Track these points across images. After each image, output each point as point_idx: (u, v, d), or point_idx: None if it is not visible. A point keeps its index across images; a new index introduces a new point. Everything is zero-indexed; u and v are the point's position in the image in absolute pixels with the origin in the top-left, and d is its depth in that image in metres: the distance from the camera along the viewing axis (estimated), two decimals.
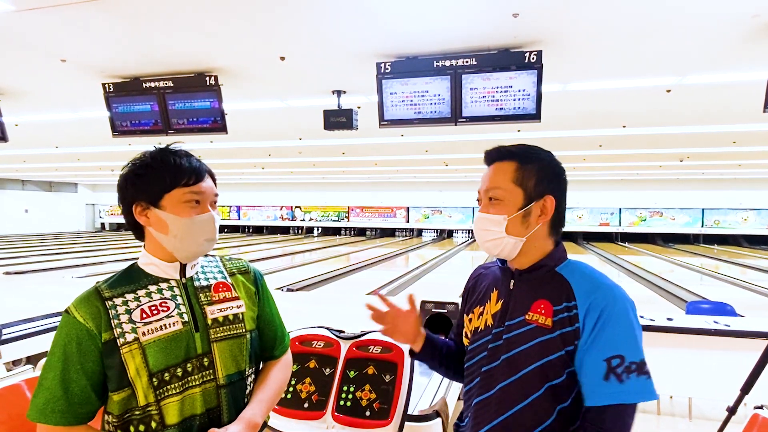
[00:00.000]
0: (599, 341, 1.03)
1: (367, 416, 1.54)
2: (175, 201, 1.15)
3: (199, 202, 1.18)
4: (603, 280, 1.11)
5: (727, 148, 9.59)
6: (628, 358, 1.02)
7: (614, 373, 1.01)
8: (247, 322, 1.22)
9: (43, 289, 8.66)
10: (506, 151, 1.19)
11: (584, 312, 1.06)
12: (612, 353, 1.02)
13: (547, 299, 1.11)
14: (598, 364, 1.02)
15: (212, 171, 1.26)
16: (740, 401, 2.22)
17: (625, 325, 1.05)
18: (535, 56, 3.75)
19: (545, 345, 1.07)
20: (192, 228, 1.15)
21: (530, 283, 1.16)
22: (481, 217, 1.17)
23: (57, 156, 12.31)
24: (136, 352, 1.08)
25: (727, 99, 5.59)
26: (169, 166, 1.16)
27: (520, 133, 7.60)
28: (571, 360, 1.07)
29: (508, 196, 1.15)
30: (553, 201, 1.16)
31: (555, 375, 1.07)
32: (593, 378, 1.03)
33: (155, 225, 1.16)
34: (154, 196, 1.15)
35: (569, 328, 1.06)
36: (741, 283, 10.04)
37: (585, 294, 1.08)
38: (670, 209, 19.65)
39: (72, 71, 4.67)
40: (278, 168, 15.30)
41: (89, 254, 14.39)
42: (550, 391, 1.07)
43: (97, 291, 1.14)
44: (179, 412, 1.10)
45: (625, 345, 1.03)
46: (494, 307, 1.19)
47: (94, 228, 26.58)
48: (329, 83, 5.05)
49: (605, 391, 1.01)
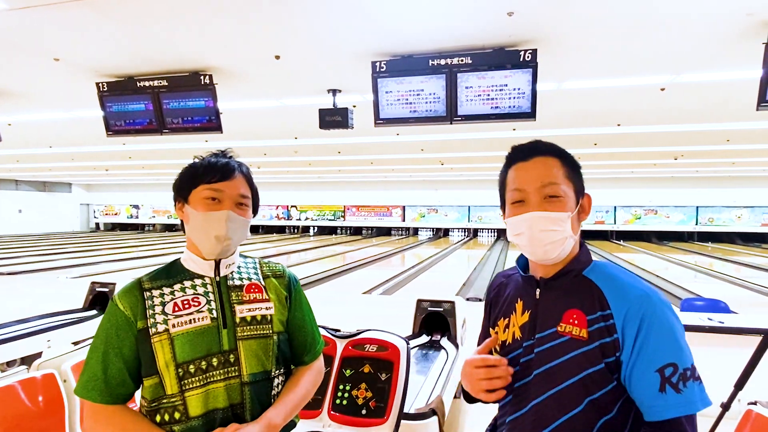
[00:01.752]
0: (646, 352, 0.97)
1: (363, 415, 1.54)
2: (197, 197, 1.22)
3: (219, 200, 1.21)
4: (636, 284, 1.04)
5: (721, 146, 9.65)
6: (681, 365, 0.96)
7: (670, 383, 0.95)
8: (276, 324, 1.26)
9: (37, 290, 8.62)
10: (545, 145, 1.12)
11: (622, 321, 0.99)
12: (663, 362, 0.96)
13: (579, 309, 1.04)
14: (650, 376, 0.96)
15: (251, 175, 1.31)
16: (734, 397, 2.23)
17: (669, 330, 0.98)
18: (530, 55, 3.76)
19: (583, 358, 1.00)
20: (202, 223, 1.20)
21: (558, 291, 1.09)
22: (541, 216, 1.05)
23: (51, 156, 12.24)
24: (165, 342, 1.15)
25: (721, 97, 5.62)
26: (202, 165, 1.24)
27: (515, 131, 7.62)
28: (612, 372, 1.00)
29: (567, 191, 1.08)
30: (590, 199, 1.13)
31: (596, 388, 1.00)
32: (648, 391, 0.96)
33: (185, 219, 1.24)
34: (186, 193, 1.23)
35: (608, 339, 1.00)
36: (735, 280, 10.11)
37: (619, 301, 1.01)
38: (664, 207, 19.75)
39: (65, 70, 4.64)
40: (274, 167, 15.27)
41: (84, 254, 14.32)
42: (591, 405, 1.00)
43: (139, 283, 1.22)
44: (203, 404, 1.15)
45: (674, 351, 0.97)
46: (521, 319, 1.12)
47: (89, 228, 26.44)
48: (324, 82, 5.04)
49: (664, 404, 0.95)
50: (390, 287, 9.00)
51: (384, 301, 7.80)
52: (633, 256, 14.58)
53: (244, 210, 1.26)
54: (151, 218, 25.65)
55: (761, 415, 1.78)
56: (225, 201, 1.22)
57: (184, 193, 1.24)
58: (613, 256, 14.48)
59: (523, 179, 1.09)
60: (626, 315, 0.99)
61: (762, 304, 7.38)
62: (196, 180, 1.22)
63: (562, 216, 1.05)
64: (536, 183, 1.07)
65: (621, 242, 19.55)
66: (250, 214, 1.29)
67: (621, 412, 1.01)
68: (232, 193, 1.23)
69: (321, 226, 23.56)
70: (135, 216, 25.87)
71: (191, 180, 1.23)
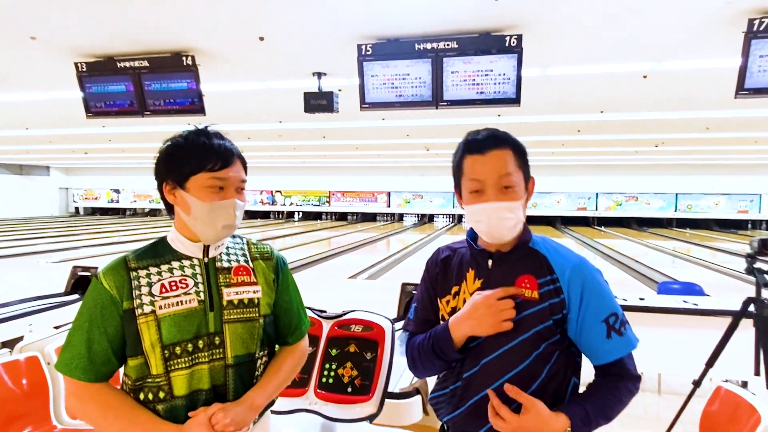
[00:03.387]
0: (591, 307, 1.15)
1: (348, 392, 1.57)
2: (199, 185, 1.18)
3: (223, 188, 1.19)
4: (572, 253, 1.23)
5: (701, 134, 9.83)
6: (619, 313, 1.17)
7: (614, 329, 1.14)
8: (262, 307, 1.25)
9: (17, 274, 8.48)
10: (502, 137, 1.21)
11: (567, 285, 1.16)
12: (606, 313, 1.15)
13: (530, 274, 1.17)
14: (598, 327, 1.14)
15: (243, 155, 1.26)
16: (705, 374, 2.32)
17: (604, 288, 1.19)
18: (516, 40, 3.77)
19: (534, 316, 1.14)
20: (211, 213, 1.18)
21: (510, 262, 1.21)
22: (499, 206, 1.16)
23: (28, 138, 11.92)
24: (151, 323, 1.14)
25: (702, 85, 5.71)
26: (197, 149, 1.19)
27: (500, 117, 7.65)
28: (557, 327, 1.16)
29: (518, 181, 1.19)
30: (534, 182, 1.25)
31: (541, 342, 1.15)
32: (598, 339, 1.14)
33: (181, 205, 1.20)
34: (181, 178, 1.18)
35: (556, 299, 1.16)
36: (711, 265, 10.39)
37: (561, 267, 1.18)
38: (645, 194, 20.11)
39: (42, 50, 4.52)
40: (258, 152, 15.11)
41: (64, 239, 14.08)
42: (538, 357, 1.15)
43: (124, 261, 1.19)
44: (187, 385, 1.16)
45: (611, 304, 1.17)
46: (473, 286, 1.21)
47: (68, 213, 25.94)
48: (310, 65, 4.99)
49: (612, 347, 1.14)
50: (375, 272, 9.06)
51: (369, 286, 7.85)
52: (614, 242, 14.85)
53: (243, 194, 1.25)
54: (133, 203, 25.26)
55: (730, 391, 1.86)
56: (228, 188, 1.20)
57: (179, 178, 1.19)
58: (594, 242, 14.74)
59: (480, 171, 1.18)
60: (569, 280, 1.16)
61: (735, 288, 7.61)
62: (194, 165, 1.17)
63: (516, 205, 1.18)
64: (493, 175, 1.17)
65: (602, 228, 19.88)
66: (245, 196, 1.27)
67: (559, 359, 1.17)
68: (234, 179, 1.21)
69: (306, 212, 23.48)
70: (116, 200, 25.43)
71: (187, 165, 1.18)
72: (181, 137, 1.22)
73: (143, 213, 25.45)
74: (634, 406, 3.52)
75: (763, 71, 3.47)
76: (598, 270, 1.21)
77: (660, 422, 3.23)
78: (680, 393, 3.59)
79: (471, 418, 1.18)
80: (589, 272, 1.18)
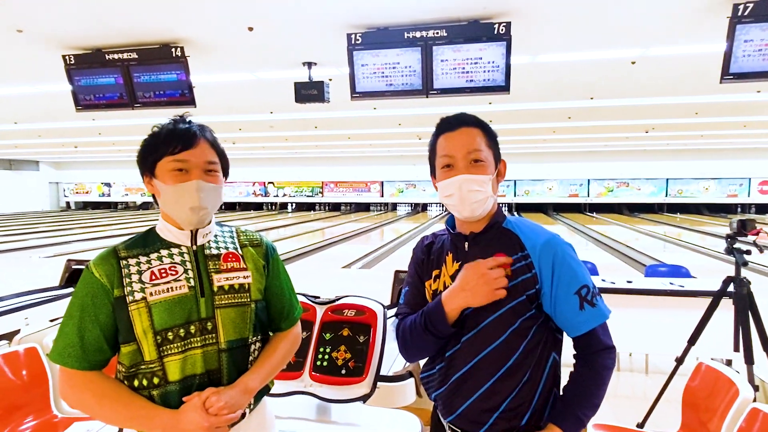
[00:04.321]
0: (563, 281, 1.18)
1: (342, 374, 1.62)
2: (163, 170, 1.20)
3: (187, 170, 1.20)
4: (543, 230, 1.26)
5: (690, 119, 9.91)
6: (591, 285, 1.20)
7: (586, 301, 1.18)
8: (253, 292, 1.27)
9: (9, 269, 8.44)
10: (469, 117, 1.27)
11: (537, 260, 1.20)
12: (578, 286, 1.18)
13: (503, 252, 1.22)
14: (571, 299, 1.17)
15: (215, 138, 1.27)
16: (687, 352, 2.39)
17: (575, 261, 1.22)
18: (504, 28, 3.79)
19: (508, 293, 1.18)
20: (174, 196, 1.19)
21: (484, 242, 1.26)
22: (468, 178, 1.21)
23: (16, 132, 11.80)
24: (143, 310, 1.15)
25: (690, 71, 5.76)
26: (162, 136, 1.20)
27: (491, 105, 7.68)
28: (531, 302, 1.19)
29: (488, 157, 1.24)
30: (505, 164, 1.31)
31: (515, 318, 1.18)
32: (571, 311, 1.18)
33: (156, 193, 1.23)
34: (150, 167, 1.21)
35: (528, 274, 1.19)
36: (700, 249, 10.54)
37: (533, 244, 1.22)
38: (636, 180, 20.26)
39: (30, 42, 4.48)
40: (249, 143, 15.05)
41: (56, 234, 14.00)
42: (513, 333, 1.19)
43: (114, 250, 1.21)
44: (180, 370, 1.17)
45: (583, 276, 1.20)
46: (452, 269, 1.26)
47: (59, 207, 25.74)
48: (300, 55, 4.98)
49: (585, 319, 1.17)
50: (369, 261, 9.11)
51: (363, 275, 7.90)
52: (605, 228, 14.99)
53: (213, 176, 1.24)
54: (124, 196, 25.10)
55: (710, 366, 1.93)
56: (192, 170, 1.20)
57: (150, 166, 1.22)
58: (586, 228, 14.88)
59: (451, 147, 1.24)
60: (540, 255, 1.20)
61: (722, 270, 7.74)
62: (159, 151, 1.20)
63: (485, 178, 1.22)
64: (463, 150, 1.23)
65: (594, 214, 20.05)
66: (221, 178, 1.27)
67: (537, 334, 1.20)
68: (198, 161, 1.21)
69: (299, 203, 23.45)
70: (107, 194, 25.26)
71: (154, 152, 1.20)
72: (157, 129, 1.24)
73: (135, 206, 25.31)
74: (622, 386, 3.63)
75: (747, 56, 3.52)
76: (569, 245, 1.24)
77: (647, 401, 3.31)
78: (667, 372, 3.67)
79: (455, 394, 1.23)
80: (560, 247, 1.21)
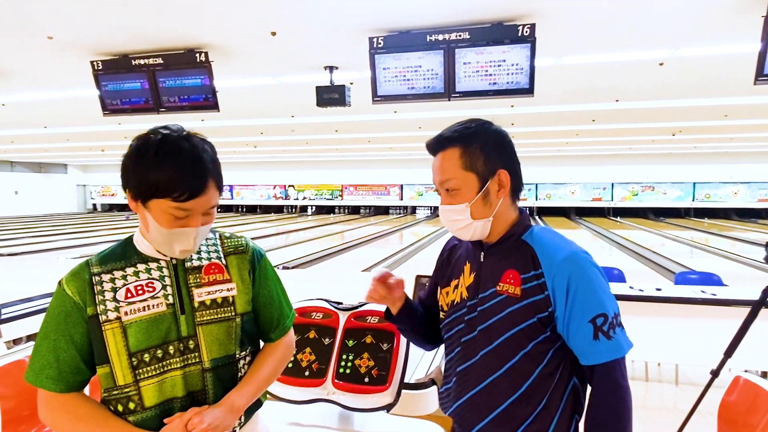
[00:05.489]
0: (577, 306, 1.07)
1: (366, 382, 1.59)
2: (159, 209, 1.07)
3: (187, 216, 1.09)
4: (566, 246, 1.13)
5: (719, 122, 9.63)
6: (610, 314, 1.07)
7: (602, 331, 1.06)
8: (239, 305, 1.19)
9: (37, 270, 8.66)
10: (446, 138, 1.17)
11: (552, 280, 1.08)
12: (594, 313, 1.06)
13: (516, 269, 1.13)
14: (585, 327, 1.06)
15: (220, 172, 1.13)
16: (723, 364, 2.30)
17: (594, 284, 1.08)
18: (529, 29, 3.73)
19: (516, 314, 1.10)
20: (167, 237, 1.09)
21: (499, 254, 1.18)
22: (444, 209, 1.18)
23: (46, 136, 12.14)
24: (117, 330, 1.08)
25: (720, 72, 5.59)
26: (165, 171, 1.04)
27: (513, 108, 7.59)
28: (544, 325, 1.10)
29: (463, 183, 1.15)
30: (507, 174, 1.16)
31: (527, 342, 1.10)
32: (584, 340, 1.07)
33: (141, 217, 1.12)
34: (143, 197, 1.08)
35: (540, 296, 1.09)
36: (730, 255, 10.22)
37: (548, 261, 1.10)
38: (661, 183, 19.80)
39: (59, 48, 4.59)
40: (271, 146, 15.18)
41: (83, 235, 14.34)
42: (525, 357, 1.10)
43: (87, 266, 1.14)
44: (158, 393, 1.10)
45: (601, 302, 1.07)
46: (468, 280, 1.22)
47: (86, 209, 26.40)
48: (321, 59, 5.00)
49: (597, 350, 1.06)
50: (389, 265, 9.08)
51: None
52: (629, 233, 14.67)
53: (210, 215, 1.13)
54: None
55: (749, 381, 1.84)
56: (193, 216, 1.09)
57: (140, 195, 1.07)
58: (609, 233, 14.58)
59: (432, 176, 1.22)
60: (555, 274, 1.09)
61: (755, 278, 7.49)
62: (160, 190, 1.04)
63: (460, 207, 1.16)
64: (437, 180, 1.20)
65: (618, 219, 19.65)
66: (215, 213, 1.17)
67: (554, 358, 1.12)
68: (204, 206, 1.10)
69: (319, 206, 23.57)
70: None
71: (150, 188, 1.05)
72: (152, 146, 1.07)
73: None
74: (651, 397, 3.51)
75: None
76: (592, 263, 1.11)
77: (677, 412, 3.21)
78: (697, 384, 3.56)
79: (468, 412, 1.18)
80: (578, 266, 1.09)
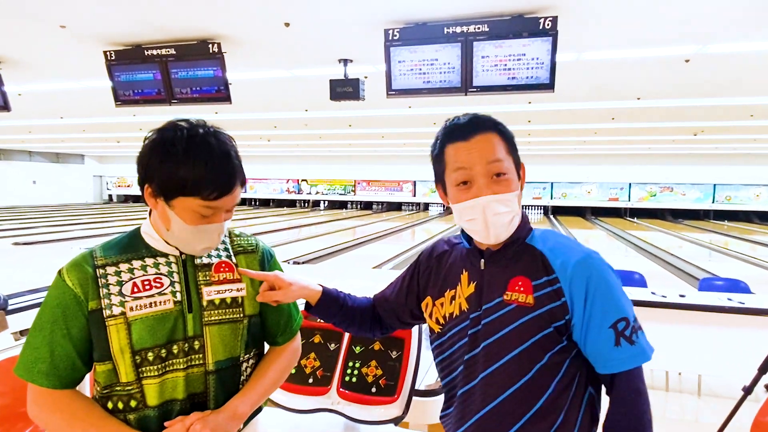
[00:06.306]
0: (596, 311, 0.98)
1: (373, 393, 1.50)
2: (186, 206, 1.04)
3: (213, 213, 1.07)
4: (577, 247, 1.05)
5: (744, 122, 9.35)
6: (632, 318, 1.00)
7: (624, 337, 0.98)
8: (247, 306, 1.16)
9: (53, 259, 8.74)
10: (487, 119, 1.07)
11: (569, 285, 1.00)
12: (614, 318, 0.98)
13: (524, 275, 1.03)
14: (605, 333, 0.98)
15: (243, 172, 1.11)
16: (757, 381, 2.16)
17: (613, 287, 1.01)
18: (550, 22, 3.59)
19: (530, 324, 1.00)
20: (193, 235, 1.07)
21: (502, 260, 1.07)
22: (494, 200, 1.01)
23: (62, 127, 12.24)
24: (121, 327, 1.03)
25: (749, 70, 5.38)
26: (196, 169, 1.01)
27: (530, 105, 7.43)
28: (561, 334, 1.00)
29: (510, 167, 1.04)
30: (524, 168, 1.10)
31: (542, 354, 1.00)
32: (604, 347, 0.98)
33: (160, 214, 1.08)
34: (168, 193, 1.04)
35: (557, 302, 1.00)
36: (751, 259, 9.93)
37: (562, 265, 1.01)
38: (680, 185, 19.40)
39: (72, 38, 4.56)
40: (284, 140, 15.16)
41: (97, 225, 14.49)
42: (541, 370, 1.00)
43: (90, 256, 1.07)
44: (159, 394, 1.06)
45: (622, 306, 1.00)
46: (467, 290, 1.09)
47: (102, 200, 26.72)
48: (335, 51, 4.90)
49: (621, 356, 0.98)
50: (400, 262, 8.99)
51: (394, 276, 7.79)
52: (647, 234, 14.39)
53: (232, 211, 1.12)
54: None
55: None
56: (218, 213, 1.08)
57: (165, 192, 1.04)
58: (626, 234, 14.32)
59: (466, 158, 1.03)
60: (572, 278, 0.99)
61: None
62: (187, 188, 1.02)
63: (511, 196, 1.03)
64: (482, 162, 1.02)
65: (635, 220, 19.30)
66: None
67: (570, 368, 1.02)
68: (229, 204, 1.09)
69: (331, 201, 23.56)
70: None
71: (178, 185, 1.02)
72: (179, 141, 1.03)
73: None
74: (671, 408, 3.37)
75: None
76: (607, 265, 1.03)
77: (699, 425, 3.07)
78: (721, 395, 3.41)
79: None
80: (595, 269, 1.00)
